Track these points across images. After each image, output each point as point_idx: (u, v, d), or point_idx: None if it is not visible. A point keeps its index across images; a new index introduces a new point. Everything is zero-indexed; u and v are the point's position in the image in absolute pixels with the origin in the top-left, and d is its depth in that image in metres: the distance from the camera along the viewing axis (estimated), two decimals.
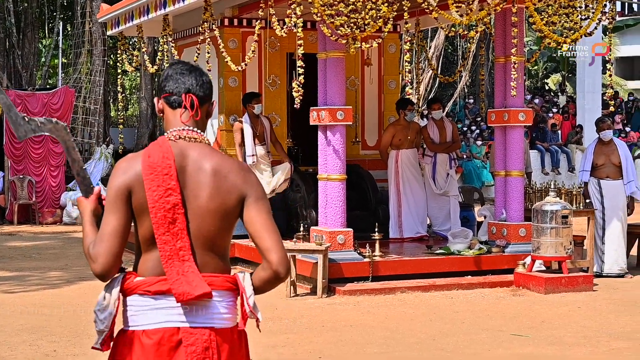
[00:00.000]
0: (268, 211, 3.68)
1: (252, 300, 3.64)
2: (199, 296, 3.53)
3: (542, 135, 28.45)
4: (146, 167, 3.60)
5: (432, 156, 14.51)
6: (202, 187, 3.61)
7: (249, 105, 13.69)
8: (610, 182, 13.24)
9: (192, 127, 3.74)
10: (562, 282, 11.79)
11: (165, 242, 3.56)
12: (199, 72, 3.81)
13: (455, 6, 11.62)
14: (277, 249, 3.61)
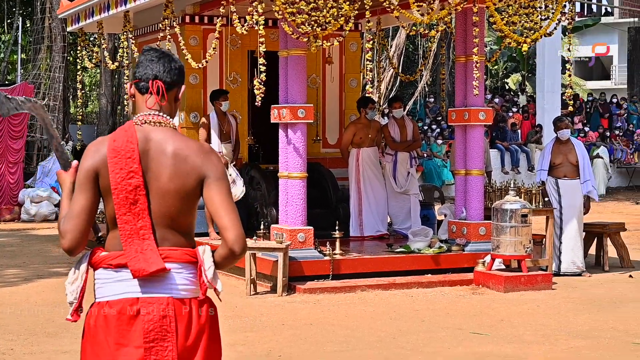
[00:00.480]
0: (227, 191, 3.83)
1: (211, 272, 3.83)
2: (153, 272, 3.75)
3: (502, 134, 28.61)
4: (111, 150, 3.80)
5: (392, 155, 14.54)
6: (163, 169, 3.80)
7: (216, 102, 13.71)
8: (567, 182, 13.32)
9: (157, 112, 3.91)
10: (522, 281, 11.85)
11: (126, 222, 3.78)
12: (169, 58, 3.97)
13: (416, 5, 11.64)
14: (233, 227, 3.77)
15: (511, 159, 28.17)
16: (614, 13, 53.87)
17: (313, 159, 14.38)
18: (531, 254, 12.16)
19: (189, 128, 14.55)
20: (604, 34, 51.68)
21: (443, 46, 17.17)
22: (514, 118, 29.94)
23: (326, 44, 11.66)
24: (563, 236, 13.24)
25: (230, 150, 13.83)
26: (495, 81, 43.13)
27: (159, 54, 3.97)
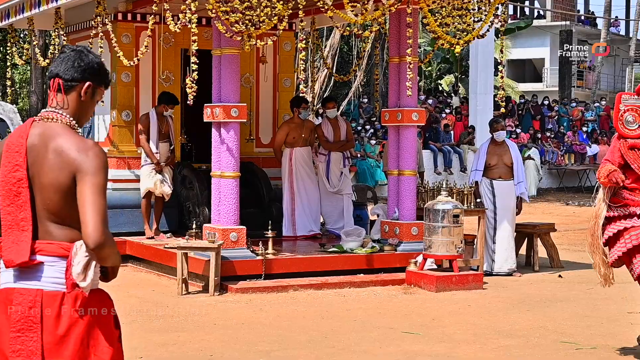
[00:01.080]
0: (97, 187, 3.84)
1: (79, 267, 3.87)
2: (19, 264, 3.88)
3: (435, 135, 28.80)
4: (6, 145, 3.98)
5: (326, 155, 14.56)
6: (43, 164, 3.90)
7: (163, 105, 13.71)
8: (502, 183, 13.46)
9: (54, 109, 4.00)
10: (453, 281, 11.95)
11: (9, 213, 3.93)
12: (78, 56, 4.03)
13: (350, 5, 11.68)
14: (89, 222, 3.79)
15: (444, 160, 28.37)
16: (546, 16, 54.50)
17: (246, 158, 14.36)
18: (463, 254, 12.27)
19: (120, 126, 14.45)
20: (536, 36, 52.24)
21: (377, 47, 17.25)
22: (446, 119, 30.16)
23: (260, 43, 11.65)
24: (497, 237, 13.37)
25: (168, 150, 13.81)
26: (428, 82, 43.39)
27: (70, 51, 4.04)
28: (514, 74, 53.91)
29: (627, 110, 8.39)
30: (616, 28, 56.63)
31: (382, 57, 26.89)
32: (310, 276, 12.17)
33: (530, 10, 57.86)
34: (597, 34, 49.05)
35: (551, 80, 51.70)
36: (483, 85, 29.61)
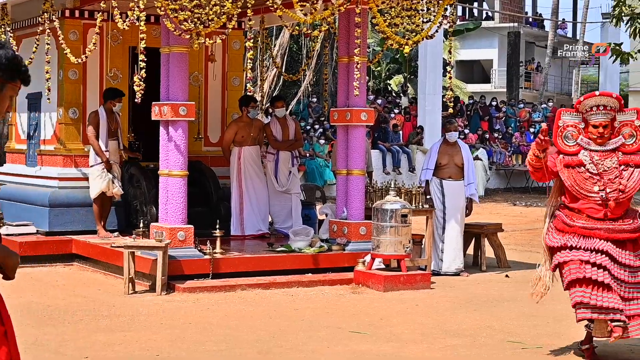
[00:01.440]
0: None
1: None
2: None
3: (383, 135, 28.86)
4: None
5: (274, 154, 14.54)
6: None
7: (110, 101, 13.61)
8: (452, 183, 13.52)
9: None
10: (401, 280, 11.98)
11: None
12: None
13: (299, 5, 11.67)
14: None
15: (392, 160, 28.45)
16: (495, 18, 54.88)
17: (194, 157, 14.31)
18: (410, 254, 12.31)
19: (67, 124, 14.31)
20: (485, 38, 52.59)
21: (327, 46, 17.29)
22: (395, 119, 30.25)
23: (209, 41, 11.61)
24: (445, 236, 13.44)
25: (117, 147, 13.74)
26: (378, 82, 43.50)
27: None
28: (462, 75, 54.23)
29: (566, 127, 8.28)
30: (563, 30, 57.17)
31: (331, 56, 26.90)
32: (258, 275, 12.14)
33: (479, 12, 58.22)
34: (545, 36, 49.48)
35: (499, 81, 52.07)
36: (432, 85, 29.78)
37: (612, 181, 8.01)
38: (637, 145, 8.11)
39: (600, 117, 8.10)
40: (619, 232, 8.01)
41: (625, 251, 8.01)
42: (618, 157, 8.10)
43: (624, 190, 8.00)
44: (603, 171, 8.05)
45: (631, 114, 8.21)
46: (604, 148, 8.13)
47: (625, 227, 8.03)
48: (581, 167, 8.11)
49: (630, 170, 8.09)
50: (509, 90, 42.60)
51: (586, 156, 8.13)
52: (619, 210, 8.05)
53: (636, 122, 8.17)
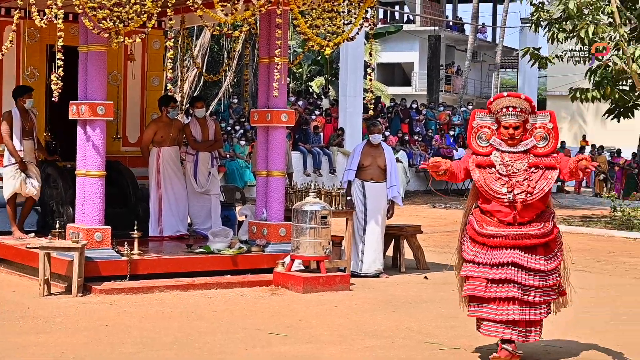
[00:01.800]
0: None
1: None
2: None
3: (304, 137, 28.90)
4: None
5: (194, 154, 14.46)
6: None
7: (20, 98, 13.40)
8: (373, 185, 13.56)
9: None
10: (320, 282, 11.99)
11: None
12: None
13: (220, 5, 11.61)
14: None
15: (313, 162, 28.50)
16: (416, 21, 55.33)
17: (113, 157, 14.15)
18: (330, 255, 12.32)
19: None
20: (406, 41, 53.01)
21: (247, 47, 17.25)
22: (316, 121, 30.30)
23: (128, 40, 11.49)
24: (366, 238, 13.48)
25: (32, 147, 13.51)
26: (299, 84, 43.56)
27: None
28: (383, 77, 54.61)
29: (480, 128, 8.28)
30: (483, 34, 57.88)
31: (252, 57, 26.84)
32: (176, 277, 12.05)
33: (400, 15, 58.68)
34: (465, 39, 50.08)
35: (420, 84, 52.51)
36: (353, 87, 29.92)
37: (520, 183, 7.96)
38: (549, 147, 8.07)
39: (510, 119, 8.06)
40: (527, 238, 7.96)
41: (536, 256, 7.98)
42: (529, 159, 8.05)
43: (531, 192, 7.93)
44: (512, 173, 7.98)
45: (544, 116, 8.18)
46: (514, 149, 8.07)
47: (533, 233, 7.97)
48: (492, 168, 8.06)
49: (539, 172, 8.02)
50: (429, 93, 42.98)
51: (497, 157, 8.08)
52: (528, 213, 8.00)
53: (549, 125, 8.12)
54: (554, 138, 8.13)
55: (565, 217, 24.93)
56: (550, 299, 8.18)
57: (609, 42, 21.70)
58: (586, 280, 13.74)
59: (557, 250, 8.15)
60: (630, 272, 14.94)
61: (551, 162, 8.04)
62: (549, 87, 51.55)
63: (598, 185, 37.12)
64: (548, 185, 8.00)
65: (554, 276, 8.10)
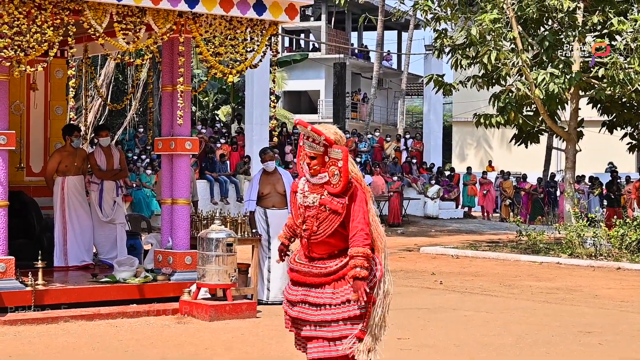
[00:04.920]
0: None
1: None
2: None
3: (211, 165, 28.94)
4: None
5: (98, 183, 14.47)
6: None
7: None
8: (276, 212, 13.70)
9: None
10: (227, 310, 12.07)
11: None
12: None
13: (122, 33, 11.70)
14: None
15: (220, 190, 28.55)
16: (321, 49, 55.78)
17: (16, 187, 14.07)
18: (236, 283, 12.42)
19: None
20: (312, 69, 53.39)
21: (151, 75, 17.32)
22: (222, 149, 30.37)
23: (30, 69, 11.50)
24: (271, 265, 13.58)
25: None
26: (205, 112, 43.58)
27: None
28: (290, 105, 54.92)
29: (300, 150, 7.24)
30: (388, 62, 58.57)
31: (157, 86, 26.86)
32: (82, 307, 12.02)
33: (306, 43, 59.09)
34: (370, 67, 50.56)
35: (326, 111, 52.86)
36: (259, 115, 30.05)
37: (309, 218, 7.10)
38: (338, 188, 6.97)
39: (306, 148, 7.12)
40: (313, 276, 7.08)
41: (323, 290, 7.07)
42: (322, 195, 7.08)
43: (316, 232, 7.05)
44: (306, 206, 7.14)
45: (337, 153, 7.02)
46: (313, 180, 7.09)
47: (319, 271, 7.08)
48: (298, 194, 7.25)
49: (326, 212, 7.03)
50: (335, 120, 43.19)
51: (302, 185, 7.24)
52: (322, 249, 7.10)
53: (339, 163, 7.00)
54: (343, 177, 7.00)
55: (472, 242, 25.35)
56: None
57: (511, 67, 22.17)
58: (492, 304, 14.05)
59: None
60: (535, 295, 15.27)
61: (336, 207, 7.03)
62: (455, 114, 52.39)
63: (504, 210, 37.72)
64: (330, 229, 7.05)
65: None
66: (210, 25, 12.61)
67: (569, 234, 21.47)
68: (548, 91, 21.58)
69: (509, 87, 23.27)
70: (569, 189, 24.36)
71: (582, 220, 21.72)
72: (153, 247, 13.75)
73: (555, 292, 15.62)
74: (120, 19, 11.84)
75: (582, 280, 17.57)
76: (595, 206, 29.84)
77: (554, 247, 22.08)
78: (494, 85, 24.17)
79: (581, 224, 21.46)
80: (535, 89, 21.73)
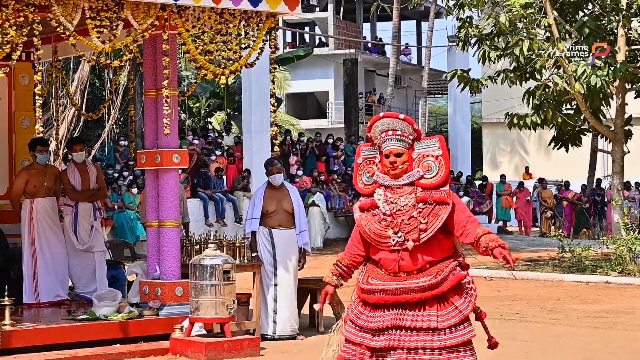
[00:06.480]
0: None
1: None
2: None
3: (204, 181, 28.89)
4: None
5: (73, 206, 14.42)
6: None
7: None
8: (282, 232, 13.63)
9: None
10: (225, 347, 12.00)
11: None
12: None
13: (96, 31, 11.67)
14: None
15: (216, 210, 28.49)
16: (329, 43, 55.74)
17: None
18: (236, 316, 12.36)
19: None
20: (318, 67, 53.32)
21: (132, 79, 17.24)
22: (217, 162, 30.32)
23: None
24: (278, 294, 13.50)
25: None
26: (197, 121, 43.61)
27: None
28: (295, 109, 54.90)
29: (367, 164, 7.64)
30: (407, 56, 58.55)
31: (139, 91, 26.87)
32: (57, 349, 11.98)
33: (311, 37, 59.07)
34: (386, 63, 50.51)
35: (336, 116, 52.81)
36: (258, 122, 30.00)
37: (406, 222, 7.31)
38: (439, 179, 7.37)
39: (390, 144, 7.42)
40: (407, 293, 7.30)
41: (423, 312, 7.32)
42: (416, 193, 7.37)
43: (425, 229, 7.28)
44: (397, 211, 7.34)
45: (431, 143, 7.48)
46: (398, 183, 7.41)
47: (415, 286, 7.30)
48: (376, 209, 7.42)
49: (429, 207, 7.31)
50: (347, 125, 43.24)
51: (380, 195, 7.45)
52: (415, 260, 7.34)
53: (437, 152, 7.44)
54: (444, 167, 7.44)
55: None
56: None
57: (547, 59, 22.11)
58: (532, 331, 13.97)
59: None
60: (582, 319, 15.21)
61: (442, 196, 7.36)
62: (485, 114, 52.30)
63: (544, 223, 37.66)
64: (440, 222, 7.33)
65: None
66: (198, 19, 12.58)
67: (619, 249, 21.37)
68: (590, 85, 21.51)
69: (545, 81, 23.25)
70: (617, 197, 24.27)
71: (634, 233, 21.62)
72: (138, 278, 13.68)
73: (604, 316, 15.55)
74: (93, 14, 11.79)
75: (635, 301, 17.50)
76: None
77: (602, 264, 21.99)
78: (528, 80, 24.12)
79: (632, 236, 21.37)
80: (575, 83, 21.67)
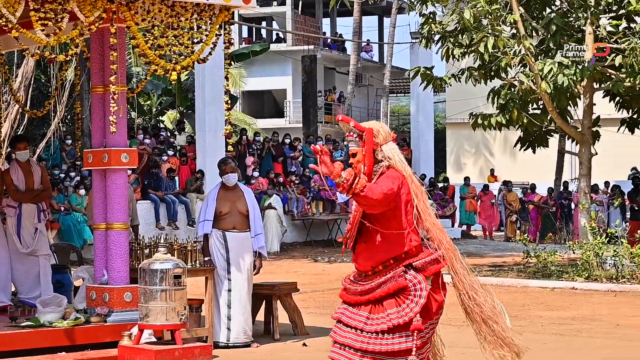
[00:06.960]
0: None
1: None
2: None
3: (155, 182, 28.81)
4: None
5: (16, 207, 14.35)
6: None
7: None
8: (237, 234, 13.58)
9: None
10: (176, 355, 11.96)
11: None
12: None
13: (40, 24, 11.60)
14: None
15: (167, 212, 28.43)
16: (287, 39, 55.75)
17: None
18: (187, 323, 12.32)
19: None
20: (276, 63, 53.32)
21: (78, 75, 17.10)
22: (169, 162, 30.24)
23: None
24: (232, 299, 13.47)
25: None
26: (148, 119, 43.48)
27: None
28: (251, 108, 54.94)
29: None
30: (368, 53, 58.63)
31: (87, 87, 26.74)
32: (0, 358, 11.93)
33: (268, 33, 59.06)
34: (347, 60, 50.58)
35: (294, 114, 52.81)
36: (213, 121, 29.95)
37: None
38: (367, 167, 7.62)
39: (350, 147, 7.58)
40: (355, 295, 7.58)
41: (358, 311, 7.54)
42: None
43: (349, 229, 7.61)
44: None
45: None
46: None
47: (360, 289, 7.53)
48: None
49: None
50: (305, 125, 43.22)
51: None
52: (364, 262, 7.58)
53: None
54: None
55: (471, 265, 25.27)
56: None
57: (512, 57, 22.19)
58: None
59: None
60: (547, 326, 15.27)
61: None
62: (449, 114, 52.48)
63: (509, 227, 37.79)
64: (359, 216, 7.55)
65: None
66: (148, 12, 12.53)
67: (586, 254, 21.49)
68: (557, 84, 21.59)
69: (510, 80, 23.32)
70: (584, 200, 24.40)
71: (601, 237, 21.73)
72: (85, 283, 13.62)
73: (570, 323, 15.63)
74: (37, 6, 11.72)
75: (601, 307, 17.59)
76: (616, 220, 29.89)
77: (568, 269, 22.12)
78: (493, 79, 24.20)
79: (599, 241, 21.47)
80: (542, 82, 21.75)
